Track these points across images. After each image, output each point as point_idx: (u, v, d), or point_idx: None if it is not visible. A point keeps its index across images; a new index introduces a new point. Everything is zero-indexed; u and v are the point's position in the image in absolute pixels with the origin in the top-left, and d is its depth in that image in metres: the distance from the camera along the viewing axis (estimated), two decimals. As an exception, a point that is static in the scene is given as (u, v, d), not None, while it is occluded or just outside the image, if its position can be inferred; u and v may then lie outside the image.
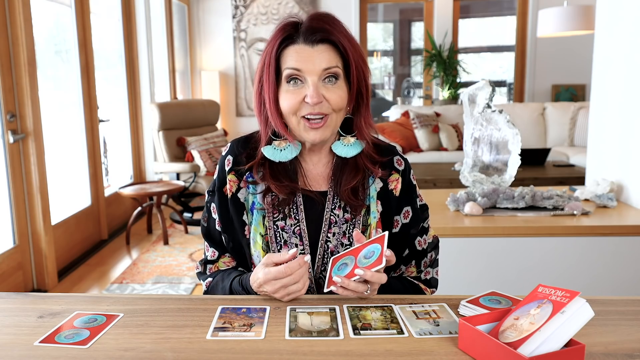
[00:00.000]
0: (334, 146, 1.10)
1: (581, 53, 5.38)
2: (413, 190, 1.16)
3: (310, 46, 1.01)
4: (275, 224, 1.09)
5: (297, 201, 1.10)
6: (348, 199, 1.08)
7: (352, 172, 1.09)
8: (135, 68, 4.56)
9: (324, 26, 1.02)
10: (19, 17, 2.73)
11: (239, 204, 1.11)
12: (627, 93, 2.04)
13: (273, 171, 1.09)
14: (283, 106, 1.04)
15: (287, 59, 1.02)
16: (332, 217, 1.10)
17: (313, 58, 1.01)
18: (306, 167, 1.13)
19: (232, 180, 1.12)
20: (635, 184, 2.02)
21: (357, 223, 1.10)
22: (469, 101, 2.02)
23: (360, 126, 1.09)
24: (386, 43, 6.91)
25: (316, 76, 1.01)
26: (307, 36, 1.01)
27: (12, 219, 2.82)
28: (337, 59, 1.03)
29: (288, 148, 1.08)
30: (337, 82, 1.03)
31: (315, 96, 1.00)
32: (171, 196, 4.26)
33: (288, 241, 1.09)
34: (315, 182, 1.13)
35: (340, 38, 1.02)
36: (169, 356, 0.79)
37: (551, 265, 1.82)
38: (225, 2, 5.82)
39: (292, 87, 1.03)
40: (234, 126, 5.99)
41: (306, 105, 1.02)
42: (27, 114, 2.81)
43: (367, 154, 1.11)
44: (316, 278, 1.10)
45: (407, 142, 4.95)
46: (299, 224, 1.09)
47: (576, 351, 0.74)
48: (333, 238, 1.09)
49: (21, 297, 1.04)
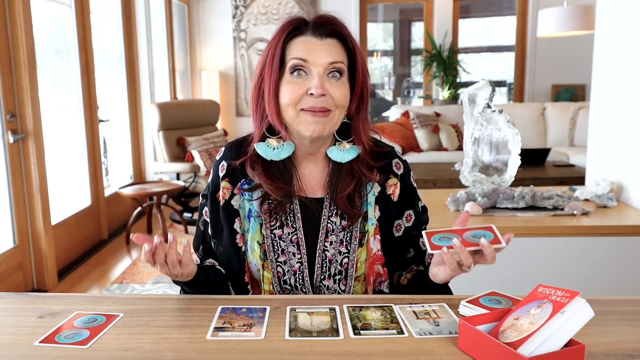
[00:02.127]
0: (329, 151, 1.08)
1: (581, 53, 5.38)
2: (414, 193, 1.15)
3: (319, 39, 1.01)
4: (272, 232, 1.08)
5: (293, 209, 1.08)
6: (344, 207, 1.07)
7: (348, 178, 1.08)
8: (135, 68, 4.56)
9: (334, 21, 1.03)
10: (19, 17, 2.73)
11: (232, 211, 1.09)
12: (627, 93, 2.04)
13: (267, 170, 1.07)
14: (283, 98, 1.02)
15: (293, 50, 1.02)
16: (329, 224, 1.08)
17: (321, 50, 1.00)
18: (302, 173, 1.11)
19: (226, 187, 1.10)
20: (635, 184, 2.02)
21: (354, 230, 1.08)
22: (469, 101, 2.02)
23: (357, 130, 1.08)
24: (386, 43, 6.91)
25: (322, 68, 1.00)
26: (316, 29, 1.02)
27: (12, 219, 2.82)
28: (344, 56, 1.03)
29: (281, 147, 1.06)
30: (340, 79, 1.02)
31: (320, 87, 0.98)
32: (171, 196, 4.26)
33: (286, 250, 1.07)
34: (311, 188, 1.11)
35: (348, 34, 1.03)
36: (169, 356, 0.79)
37: (551, 265, 1.82)
38: (225, 2, 5.82)
39: (295, 78, 1.01)
40: (234, 126, 5.98)
41: (308, 99, 1.00)
42: (27, 114, 2.81)
43: (362, 160, 1.09)
44: (316, 286, 1.08)
45: (407, 142, 4.95)
46: (297, 232, 1.08)
47: (576, 351, 0.74)
48: (330, 246, 1.08)
49: (21, 297, 1.04)
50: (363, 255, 1.09)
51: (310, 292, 1.08)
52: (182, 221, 4.09)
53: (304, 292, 1.08)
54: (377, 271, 1.10)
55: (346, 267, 1.08)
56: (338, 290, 1.08)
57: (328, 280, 1.08)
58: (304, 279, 1.07)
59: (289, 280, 1.08)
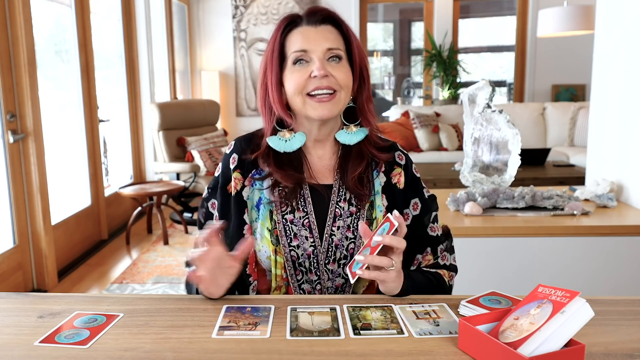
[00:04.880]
0: (338, 135, 1.12)
1: (581, 53, 5.38)
2: (417, 182, 1.17)
3: (314, 27, 1.07)
4: (284, 217, 1.10)
5: (304, 194, 1.11)
6: (354, 187, 1.10)
7: (357, 159, 1.11)
8: (135, 68, 4.56)
9: (326, 8, 1.08)
10: (19, 17, 2.73)
11: (241, 202, 1.12)
12: (627, 93, 2.04)
13: (278, 161, 1.11)
14: (289, 87, 1.06)
15: (291, 43, 1.07)
16: (338, 209, 1.10)
17: (317, 38, 1.05)
18: (311, 160, 1.14)
19: (237, 179, 1.12)
20: (635, 184, 2.02)
21: (361, 216, 1.10)
22: (469, 101, 2.02)
23: (364, 110, 1.12)
24: (386, 43, 6.91)
25: (321, 54, 1.04)
26: (310, 17, 1.07)
27: (12, 219, 2.82)
28: (340, 42, 1.07)
29: (293, 138, 1.11)
30: (340, 62, 1.06)
31: (321, 68, 1.03)
32: (171, 196, 4.26)
33: (298, 234, 1.09)
34: (321, 175, 1.13)
35: (342, 19, 1.09)
36: (169, 356, 0.79)
37: (551, 265, 1.82)
38: (225, 2, 5.82)
39: (297, 67, 1.06)
40: (234, 126, 5.98)
41: (312, 81, 1.04)
42: (27, 114, 2.81)
43: (371, 141, 1.13)
44: (321, 271, 1.10)
45: (407, 142, 4.95)
46: (308, 216, 1.10)
47: (576, 351, 0.74)
48: (337, 231, 1.09)
49: (21, 297, 1.04)
50: None
51: (323, 274, 1.10)
52: (182, 221, 4.09)
53: (318, 275, 1.09)
54: None
55: (352, 252, 1.09)
56: (342, 274, 1.09)
57: (332, 265, 1.09)
58: (318, 262, 1.09)
59: (304, 263, 1.09)
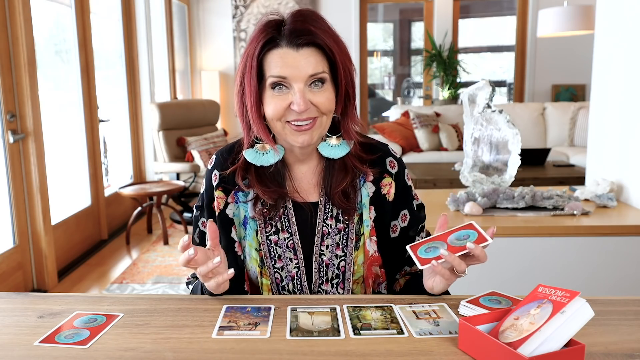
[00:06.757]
0: (321, 147, 1.06)
1: (581, 53, 5.38)
2: (409, 192, 1.13)
3: (295, 50, 0.95)
4: (268, 238, 1.07)
5: (288, 213, 1.07)
6: (340, 202, 1.05)
7: (342, 173, 1.06)
8: (135, 68, 4.56)
9: (309, 27, 0.95)
10: (19, 17, 2.73)
11: (226, 220, 1.08)
12: (627, 93, 2.04)
13: (259, 176, 1.06)
14: (268, 112, 0.99)
15: (270, 65, 0.97)
16: (325, 227, 1.07)
17: (298, 63, 0.95)
18: (295, 175, 1.09)
19: (220, 197, 1.08)
20: (635, 184, 2.02)
21: (350, 233, 1.07)
22: (469, 101, 2.02)
23: (347, 127, 1.06)
24: (386, 43, 6.91)
25: (302, 83, 0.96)
26: (291, 39, 0.95)
27: (12, 219, 2.82)
28: (324, 63, 0.98)
29: (271, 152, 1.05)
30: (323, 86, 0.98)
31: (302, 104, 0.95)
32: (171, 196, 4.26)
33: (282, 255, 1.06)
34: (306, 192, 1.09)
35: (326, 39, 0.96)
36: (169, 356, 0.79)
37: (551, 265, 1.82)
38: (225, 2, 5.82)
39: (277, 92, 0.97)
40: (234, 126, 5.98)
41: (292, 112, 0.97)
42: (27, 114, 2.81)
43: (354, 154, 1.07)
44: (314, 291, 1.08)
45: (407, 142, 4.95)
46: (292, 237, 1.07)
47: (576, 351, 0.74)
48: (327, 250, 1.06)
49: (21, 297, 1.04)
50: (360, 258, 1.08)
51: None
52: (182, 221, 4.09)
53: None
54: (375, 272, 1.09)
55: (343, 270, 1.07)
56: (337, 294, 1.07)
57: (326, 285, 1.07)
58: (302, 284, 1.07)
59: (287, 287, 1.07)
